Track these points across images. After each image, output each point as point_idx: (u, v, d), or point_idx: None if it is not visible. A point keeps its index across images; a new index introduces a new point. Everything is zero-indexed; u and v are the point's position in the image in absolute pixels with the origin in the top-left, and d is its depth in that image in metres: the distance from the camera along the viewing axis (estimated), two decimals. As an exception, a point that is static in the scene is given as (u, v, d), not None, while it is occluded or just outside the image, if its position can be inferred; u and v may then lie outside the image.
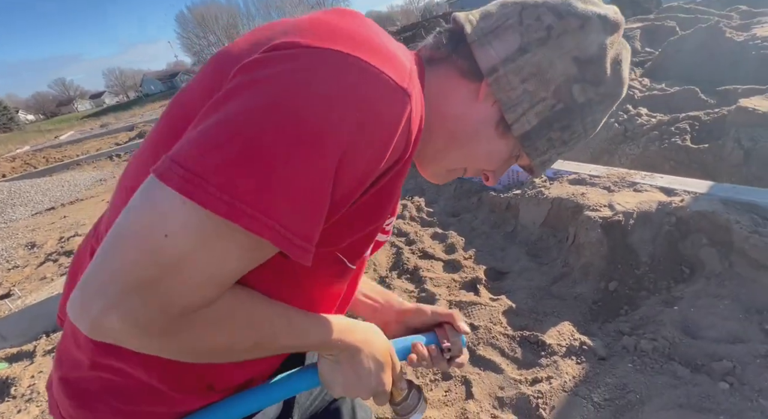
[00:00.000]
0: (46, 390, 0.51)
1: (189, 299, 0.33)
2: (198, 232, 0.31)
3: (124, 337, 0.33)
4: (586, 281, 1.84)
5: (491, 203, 2.66)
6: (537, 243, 2.24)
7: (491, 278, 2.07)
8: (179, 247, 0.31)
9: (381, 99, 0.34)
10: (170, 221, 0.31)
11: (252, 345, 0.40)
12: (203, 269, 0.33)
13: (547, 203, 2.24)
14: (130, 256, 0.31)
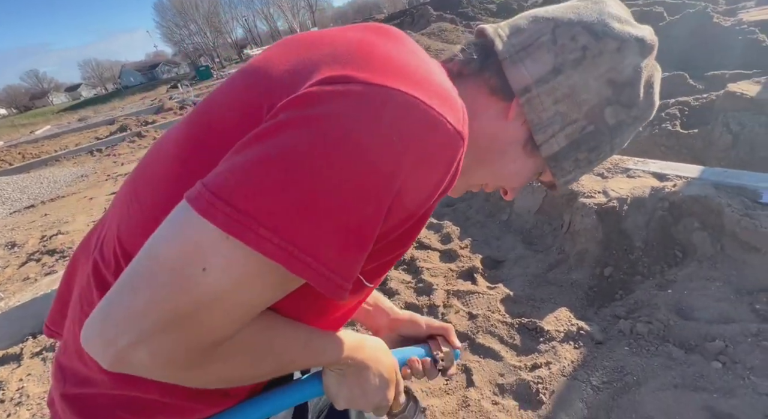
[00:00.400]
0: (48, 406, 0.48)
1: (221, 334, 0.33)
2: (240, 270, 0.30)
3: (149, 371, 0.32)
4: (582, 267, 1.86)
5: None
6: (532, 231, 2.25)
7: (488, 266, 2.08)
8: (218, 283, 0.30)
9: (441, 146, 0.34)
10: (210, 256, 0.29)
11: (271, 370, 0.41)
12: (240, 306, 0.32)
13: (541, 191, 2.24)
14: (164, 290, 0.29)
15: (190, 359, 0.32)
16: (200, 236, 0.29)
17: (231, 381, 0.40)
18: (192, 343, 0.31)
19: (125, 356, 0.30)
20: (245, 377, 0.40)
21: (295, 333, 0.42)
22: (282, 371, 0.43)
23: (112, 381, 0.41)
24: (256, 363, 0.39)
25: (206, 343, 0.32)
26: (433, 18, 14.28)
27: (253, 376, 0.41)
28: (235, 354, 0.36)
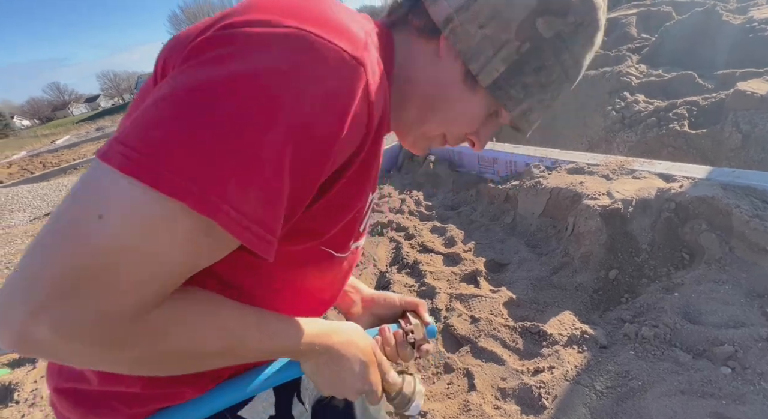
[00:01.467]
0: (51, 407, 0.49)
1: (136, 299, 0.29)
2: (137, 212, 0.27)
3: (58, 350, 0.28)
4: (587, 270, 1.83)
5: (489, 195, 2.65)
6: (536, 234, 2.23)
7: (491, 270, 2.07)
8: (116, 230, 0.27)
9: (333, 71, 0.32)
10: (105, 200, 0.27)
11: (218, 351, 0.37)
12: (145, 259, 0.28)
13: (545, 193, 2.23)
14: (58, 246, 0.26)
15: (107, 333, 0.28)
16: (98, 182, 0.28)
17: (175, 362, 0.35)
18: (101, 310, 0.27)
19: (24, 332, 0.26)
20: (188, 360, 0.36)
21: (243, 310, 0.39)
22: (237, 356, 0.40)
23: (96, 377, 0.42)
24: (198, 339, 0.35)
25: (121, 311, 0.28)
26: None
27: (197, 358, 0.36)
28: (169, 326, 0.32)
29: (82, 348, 0.28)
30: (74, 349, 0.28)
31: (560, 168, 2.37)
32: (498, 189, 2.58)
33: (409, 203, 2.91)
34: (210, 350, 0.36)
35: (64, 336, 0.27)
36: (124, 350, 0.31)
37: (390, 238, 2.54)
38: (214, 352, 0.37)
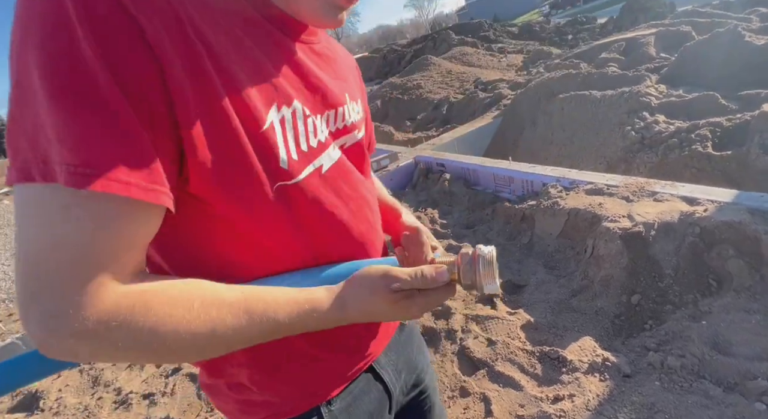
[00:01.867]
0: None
1: (78, 286, 0.30)
2: (19, 209, 0.30)
3: (59, 347, 0.30)
4: (607, 294, 1.79)
5: (506, 215, 2.64)
6: (554, 255, 2.20)
7: (508, 291, 2.04)
8: (20, 229, 0.30)
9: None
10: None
11: (209, 333, 0.34)
12: (63, 247, 0.29)
13: (563, 214, 2.21)
14: (15, 260, 0.31)
15: (81, 327, 0.29)
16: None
17: (166, 349, 0.33)
18: (62, 305, 0.29)
19: (30, 334, 0.30)
20: (178, 348, 0.34)
21: (229, 289, 0.37)
22: (235, 340, 0.37)
23: (206, 370, 0.49)
24: (177, 325, 0.33)
25: (77, 301, 0.29)
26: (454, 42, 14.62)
27: (186, 343, 0.34)
28: (135, 314, 0.31)
29: (70, 342, 0.30)
30: (56, 339, 0.30)
31: (578, 189, 2.35)
32: (514, 209, 2.57)
33: (423, 220, 2.91)
34: (200, 333, 0.34)
35: (46, 328, 0.30)
36: (105, 339, 0.31)
37: (405, 256, 2.54)
38: (205, 335, 0.34)
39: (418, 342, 0.70)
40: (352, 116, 0.51)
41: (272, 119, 0.38)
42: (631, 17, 9.53)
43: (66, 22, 0.28)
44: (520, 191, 2.84)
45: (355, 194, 0.49)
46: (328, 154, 0.45)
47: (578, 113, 3.78)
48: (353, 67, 0.61)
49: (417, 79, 8.12)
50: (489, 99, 5.60)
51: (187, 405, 1.76)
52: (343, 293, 0.43)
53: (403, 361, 0.62)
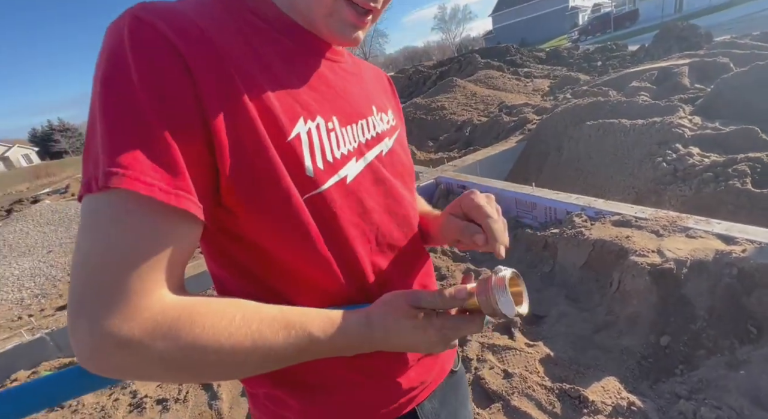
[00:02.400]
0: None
1: (125, 294, 0.31)
2: (81, 221, 0.33)
3: (99, 365, 0.32)
4: (634, 332, 1.70)
5: (527, 241, 2.58)
6: (577, 286, 2.12)
7: (527, 321, 1.97)
8: (81, 239, 0.33)
9: (127, 32, 0.34)
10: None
11: (250, 346, 0.36)
12: (103, 253, 0.32)
13: (587, 244, 2.14)
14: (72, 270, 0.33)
15: (129, 329, 0.31)
16: None
17: (202, 364, 0.34)
18: (109, 313, 0.30)
19: (77, 346, 0.31)
20: (220, 361, 0.35)
21: (249, 314, 0.38)
22: (269, 358, 0.38)
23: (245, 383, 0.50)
24: (216, 338, 0.34)
25: (128, 317, 0.31)
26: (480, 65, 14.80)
27: (226, 358, 0.35)
28: (174, 327, 0.33)
29: (119, 354, 0.31)
30: (110, 348, 0.31)
31: (604, 219, 2.28)
32: (536, 236, 2.51)
33: (443, 242, 2.89)
34: (228, 352, 0.35)
35: (96, 335, 0.30)
36: (144, 352, 0.32)
37: (422, 277, 2.52)
38: (236, 353, 0.35)
39: (463, 392, 0.67)
40: (379, 125, 0.53)
41: (298, 131, 0.41)
42: (665, 46, 9.37)
43: (122, 55, 0.34)
44: (543, 217, 2.78)
45: (382, 203, 0.49)
46: (351, 165, 0.46)
47: (606, 141, 3.71)
48: (384, 81, 0.64)
49: (441, 100, 8.23)
50: (513, 123, 5.59)
51: (198, 414, 1.77)
52: (371, 310, 0.44)
53: (447, 413, 0.59)
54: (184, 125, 0.34)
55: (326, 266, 0.44)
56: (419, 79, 18.07)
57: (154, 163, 0.32)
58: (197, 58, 0.35)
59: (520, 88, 9.43)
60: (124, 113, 0.33)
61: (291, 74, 0.43)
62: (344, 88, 0.49)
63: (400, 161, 0.55)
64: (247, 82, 0.38)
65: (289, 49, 0.44)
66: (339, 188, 0.44)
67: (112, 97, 0.33)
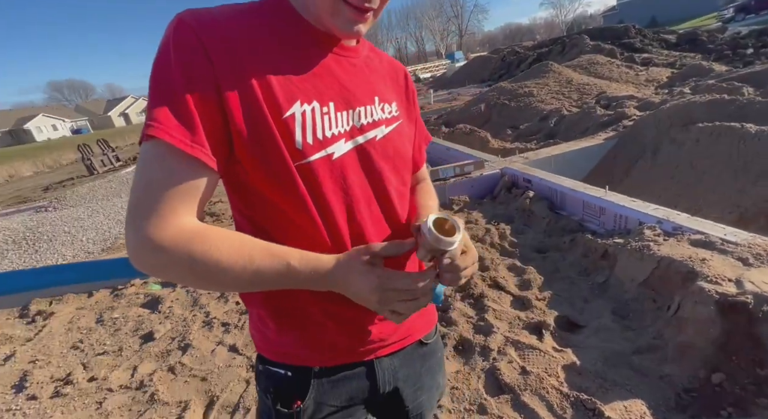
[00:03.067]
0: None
1: (157, 214, 0.44)
2: (137, 161, 0.48)
3: (141, 264, 0.46)
4: (681, 362, 1.54)
5: (585, 247, 2.41)
6: (629, 303, 1.95)
7: (562, 327, 1.90)
8: (140, 173, 0.47)
9: (169, 29, 0.49)
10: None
11: (235, 264, 0.47)
12: (145, 184, 0.45)
13: (652, 260, 1.93)
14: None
15: (158, 238, 0.44)
16: None
17: (212, 273, 0.46)
18: (146, 225, 0.44)
19: (127, 248, 0.45)
20: (218, 268, 0.46)
21: (255, 238, 0.50)
22: (250, 271, 0.48)
23: (244, 302, 0.64)
24: (218, 250, 0.46)
25: (158, 228, 0.44)
26: (587, 48, 13.08)
27: (224, 269, 0.46)
28: (197, 238, 0.45)
29: (150, 255, 0.45)
30: (145, 249, 0.45)
31: (681, 236, 2.01)
32: (597, 243, 2.33)
33: (493, 234, 2.84)
34: (226, 266, 0.46)
35: (138, 238, 0.45)
36: (175, 252, 0.45)
37: (463, 264, 2.54)
38: (233, 270, 0.47)
39: (433, 363, 0.72)
40: (377, 113, 0.60)
41: (294, 111, 0.50)
42: None
43: (167, 48, 0.48)
44: (611, 224, 2.54)
45: (365, 181, 0.58)
46: (339, 145, 0.54)
47: (719, 148, 3.14)
48: (399, 76, 0.70)
49: (530, 86, 7.61)
50: (608, 117, 4.98)
51: (250, 341, 2.14)
52: (340, 255, 0.53)
53: (406, 373, 0.66)
54: (203, 97, 0.46)
55: (312, 225, 0.53)
56: (513, 61, 16.73)
57: (179, 122, 0.45)
58: (217, 50, 0.47)
59: (630, 77, 8.20)
60: (162, 86, 0.46)
61: (297, 65, 0.52)
62: (346, 79, 0.57)
63: (393, 147, 0.61)
64: (255, 70, 0.49)
65: (299, 45, 0.54)
66: (324, 162, 0.53)
67: (157, 74, 0.47)
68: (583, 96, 6.81)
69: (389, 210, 0.61)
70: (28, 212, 6.34)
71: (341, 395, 0.61)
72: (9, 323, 2.67)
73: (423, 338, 0.70)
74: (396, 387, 0.66)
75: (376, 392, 0.64)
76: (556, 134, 5.54)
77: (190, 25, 0.48)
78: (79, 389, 1.94)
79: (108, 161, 11.75)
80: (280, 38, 0.53)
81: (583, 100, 6.56)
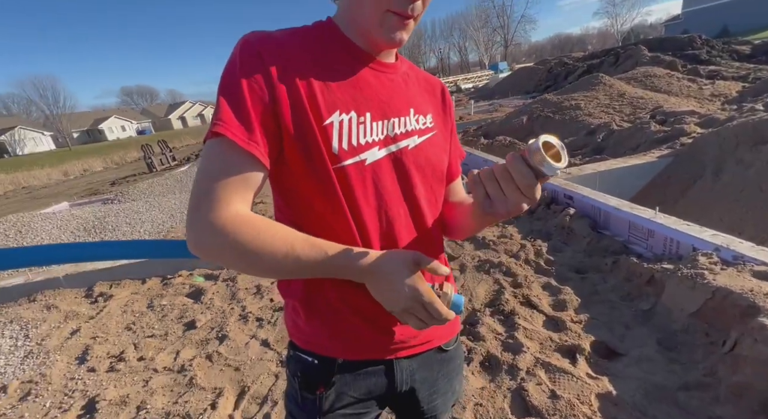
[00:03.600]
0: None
1: (213, 201, 0.50)
2: (205, 152, 0.54)
3: (198, 245, 0.51)
4: (736, 405, 1.40)
5: (629, 270, 2.26)
6: (677, 335, 1.80)
7: (598, 353, 1.80)
8: (202, 167, 0.53)
9: (236, 47, 0.57)
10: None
11: (278, 252, 0.51)
12: (207, 174, 0.52)
13: (706, 290, 1.78)
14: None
15: (212, 222, 0.49)
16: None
17: (256, 258, 0.51)
18: (206, 210, 0.50)
19: (186, 230, 0.51)
20: (263, 253, 0.51)
21: (296, 231, 0.54)
22: (292, 259, 0.52)
23: (280, 291, 0.68)
24: (263, 238, 0.51)
25: (216, 213, 0.49)
26: (645, 59, 12.32)
27: (268, 253, 0.51)
28: (246, 226, 0.50)
29: (203, 239, 0.50)
30: (202, 232, 0.50)
31: (742, 266, 1.84)
32: (642, 267, 2.18)
33: (528, 250, 2.75)
34: (270, 252, 0.51)
35: (195, 222, 0.51)
36: (226, 236, 0.50)
37: (495, 279, 2.48)
38: (276, 256, 0.51)
39: (451, 370, 0.74)
40: (411, 124, 0.64)
41: (333, 120, 0.56)
42: None
43: (233, 62, 0.55)
44: (660, 248, 2.37)
45: (396, 186, 0.62)
46: (373, 151, 0.59)
47: (794, 172, 2.82)
48: (436, 90, 0.74)
49: (577, 98, 7.29)
50: (663, 133, 4.65)
51: (281, 337, 2.24)
52: (375, 251, 0.56)
53: (423, 376, 0.69)
54: (261, 103, 0.53)
55: (345, 226, 0.58)
56: (561, 72, 16.15)
57: (239, 123, 0.52)
58: (274, 66, 0.55)
59: (693, 91, 7.61)
60: (228, 92, 0.53)
61: (339, 79, 0.59)
62: (383, 92, 0.62)
63: (425, 156, 0.65)
64: (303, 82, 0.56)
65: (342, 61, 0.60)
66: (357, 167, 0.58)
67: (224, 82, 0.54)
68: (637, 110, 6.41)
69: (418, 215, 0.65)
70: (97, 204, 7.07)
71: (360, 388, 0.65)
72: (77, 301, 2.99)
73: (443, 345, 0.72)
74: (413, 388, 0.69)
75: (393, 389, 0.67)
76: (603, 149, 5.27)
77: (253, 44, 0.56)
78: (129, 366, 2.13)
79: (166, 160, 12.83)
80: (326, 55, 0.59)
81: (636, 115, 6.18)
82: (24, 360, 2.31)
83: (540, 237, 2.96)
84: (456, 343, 0.76)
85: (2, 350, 2.44)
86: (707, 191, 3.36)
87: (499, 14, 54.98)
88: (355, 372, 0.64)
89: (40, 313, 2.82)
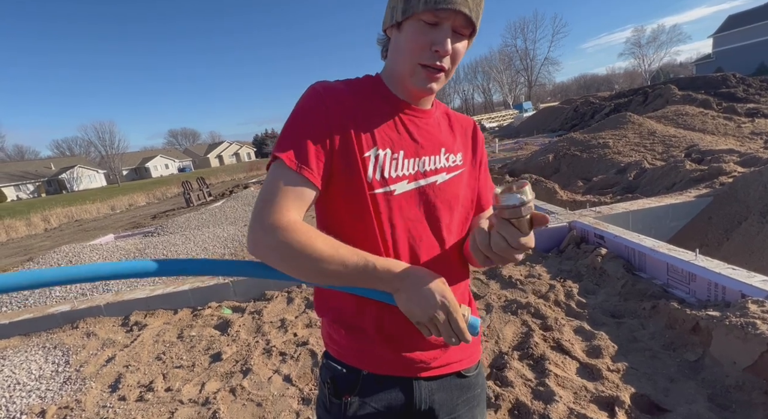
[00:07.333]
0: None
1: (279, 210, 0.60)
2: (270, 174, 0.65)
3: (258, 244, 0.60)
4: (808, 478, 1.22)
5: (671, 317, 2.11)
6: (731, 392, 1.64)
7: (640, 407, 1.65)
8: (265, 185, 0.64)
9: (306, 92, 0.70)
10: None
11: (325, 257, 0.58)
12: (270, 189, 0.62)
13: (761, 342, 1.63)
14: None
15: (272, 225, 0.58)
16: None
17: (303, 263, 0.58)
18: (267, 215, 0.59)
19: (248, 235, 0.61)
20: (311, 258, 0.58)
21: (335, 240, 0.62)
22: (337, 263, 0.59)
23: (316, 306, 0.77)
24: (312, 243, 0.58)
25: (276, 217, 0.59)
26: (676, 98, 12.15)
27: (316, 258, 0.58)
28: (298, 234, 0.58)
29: (262, 244, 0.60)
30: (259, 245, 0.60)
31: (800, 316, 1.68)
32: (685, 313, 2.04)
33: (558, 291, 2.65)
34: (319, 254, 0.58)
35: (250, 239, 0.61)
36: (281, 237, 0.58)
37: (522, 321, 2.39)
38: (323, 257, 0.58)
39: (471, 397, 0.78)
40: (441, 162, 0.74)
41: (370, 154, 0.67)
42: None
43: (302, 104, 0.67)
44: (704, 294, 2.21)
45: (422, 217, 0.70)
46: (402, 184, 0.69)
47: None
48: (468, 131, 0.83)
49: (605, 136, 7.24)
50: (700, 173, 4.48)
51: (303, 374, 2.22)
52: (415, 265, 0.65)
53: (442, 397, 0.74)
54: (319, 139, 0.65)
55: (376, 249, 0.66)
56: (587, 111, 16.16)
57: (297, 152, 0.64)
58: (333, 109, 0.67)
59: (730, 129, 7.37)
60: (293, 127, 0.66)
61: (381, 122, 0.70)
62: (417, 134, 0.73)
63: (452, 191, 0.74)
64: (354, 123, 0.68)
65: (384, 108, 0.72)
66: (386, 196, 0.67)
67: (291, 119, 0.67)
68: (670, 149, 6.25)
69: (442, 242, 0.73)
70: (138, 236, 7.57)
71: (381, 400, 0.71)
72: (114, 329, 3.14)
73: (463, 371, 0.76)
74: (432, 408, 0.74)
75: (411, 406, 0.72)
76: (635, 188, 5.12)
77: (318, 91, 0.68)
78: (157, 397, 2.17)
79: (203, 195, 13.67)
80: (372, 103, 0.71)
81: (669, 153, 6.02)
82: (63, 386, 2.42)
83: (570, 278, 2.84)
84: (477, 371, 0.80)
85: (45, 375, 2.57)
86: (754, 235, 3.15)
87: (522, 57, 56.86)
88: (377, 384, 0.71)
89: (80, 340, 2.98)
